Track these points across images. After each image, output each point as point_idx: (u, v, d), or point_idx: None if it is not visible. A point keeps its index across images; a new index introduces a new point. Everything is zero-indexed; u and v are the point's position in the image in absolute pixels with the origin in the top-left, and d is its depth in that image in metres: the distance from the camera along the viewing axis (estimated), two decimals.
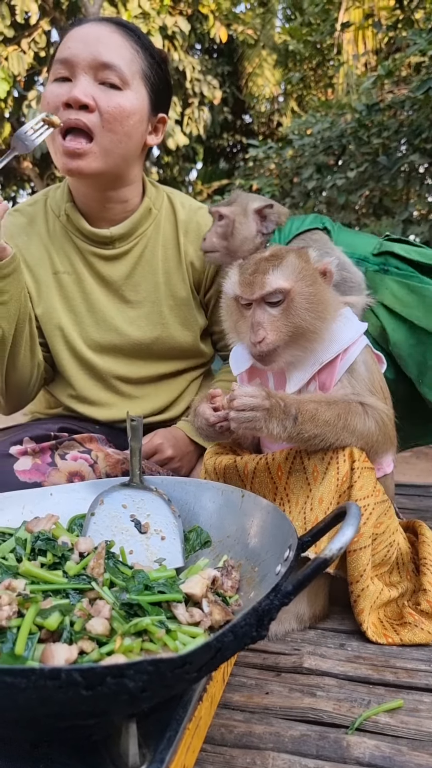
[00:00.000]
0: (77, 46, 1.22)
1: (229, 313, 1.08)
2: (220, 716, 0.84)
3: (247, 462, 1.04)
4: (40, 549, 0.83)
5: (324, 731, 0.81)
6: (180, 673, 0.52)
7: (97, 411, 1.43)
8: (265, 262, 1.00)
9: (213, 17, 10.47)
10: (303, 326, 0.98)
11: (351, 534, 0.61)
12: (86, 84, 1.21)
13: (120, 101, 1.23)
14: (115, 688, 0.49)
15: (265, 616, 0.59)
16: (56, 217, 1.41)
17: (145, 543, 0.95)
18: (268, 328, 0.98)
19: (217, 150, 13.07)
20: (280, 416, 0.93)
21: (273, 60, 11.06)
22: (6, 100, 9.53)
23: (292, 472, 1.01)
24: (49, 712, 0.50)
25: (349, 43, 8.02)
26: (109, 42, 1.23)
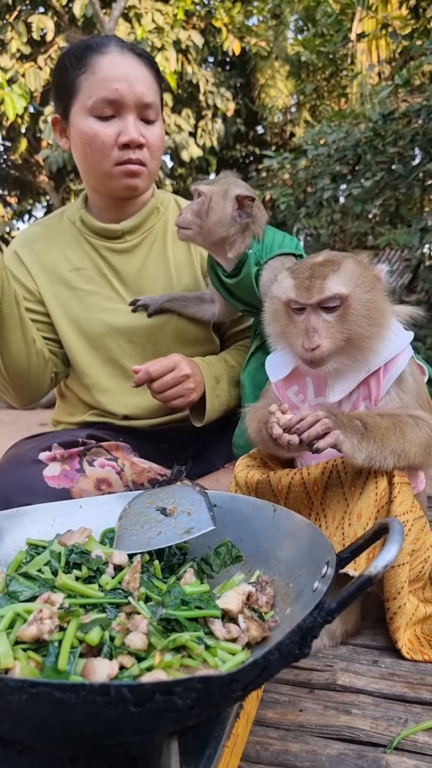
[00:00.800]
0: (123, 87, 1.32)
1: (275, 317, 1.05)
2: (255, 733, 0.83)
3: (281, 477, 1.03)
4: (74, 562, 0.83)
5: (362, 750, 0.80)
6: (227, 691, 0.52)
7: (113, 400, 1.47)
8: (321, 267, 0.98)
9: (226, 30, 10.58)
10: (358, 333, 0.96)
11: (395, 551, 0.60)
12: (135, 123, 1.35)
13: (158, 133, 1.41)
14: (163, 705, 0.49)
15: (309, 634, 0.59)
16: (72, 224, 1.53)
17: (173, 523, 0.94)
18: (323, 335, 0.96)
19: (230, 161, 13.17)
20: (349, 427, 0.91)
21: (286, 71, 11.15)
22: (23, 116, 9.71)
23: (328, 487, 0.99)
24: (97, 728, 0.50)
25: (363, 53, 8.06)
26: (145, 80, 1.36)
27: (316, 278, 0.97)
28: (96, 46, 1.34)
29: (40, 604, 0.69)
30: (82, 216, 1.51)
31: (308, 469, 1.01)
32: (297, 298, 0.98)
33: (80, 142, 1.36)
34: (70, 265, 1.49)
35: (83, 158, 1.39)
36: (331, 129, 5.57)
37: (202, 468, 1.52)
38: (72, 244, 1.51)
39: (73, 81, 1.34)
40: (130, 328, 1.46)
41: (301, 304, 0.99)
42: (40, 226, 1.57)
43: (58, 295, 1.47)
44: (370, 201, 5.27)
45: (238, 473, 1.09)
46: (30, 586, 0.75)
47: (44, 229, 1.55)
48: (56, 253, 1.50)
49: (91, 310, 1.46)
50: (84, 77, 1.33)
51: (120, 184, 1.39)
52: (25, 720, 0.51)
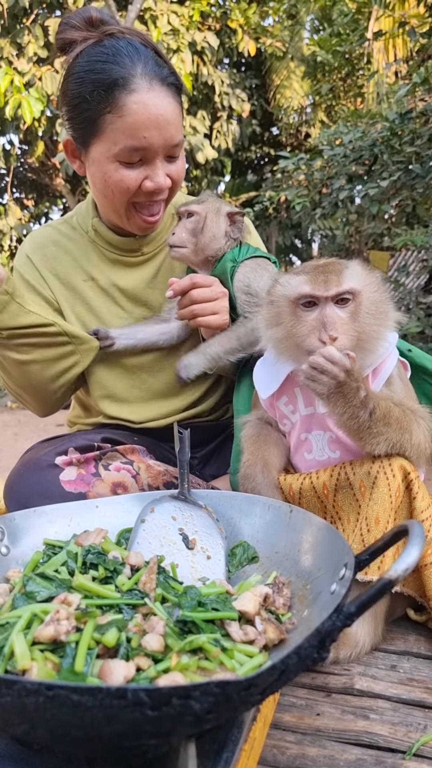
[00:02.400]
0: (152, 135, 1.23)
1: (277, 320, 1.02)
2: (272, 737, 0.82)
3: (291, 483, 1.03)
4: (91, 563, 0.83)
5: (380, 756, 0.79)
6: (245, 696, 0.51)
7: (128, 410, 1.46)
8: (333, 264, 0.98)
9: (241, 31, 10.59)
10: (367, 333, 0.96)
11: (417, 554, 0.59)
12: (162, 167, 1.30)
13: (181, 165, 1.35)
14: (180, 709, 0.49)
15: (327, 638, 0.58)
16: (84, 233, 1.48)
17: (191, 559, 0.94)
18: (339, 330, 0.94)
19: (245, 162, 13.15)
20: (352, 400, 0.90)
21: (301, 72, 11.10)
22: (40, 119, 9.81)
23: (338, 489, 0.99)
24: (114, 731, 0.50)
25: (380, 51, 7.99)
26: (173, 119, 1.26)
27: (332, 273, 0.97)
28: (123, 81, 1.20)
29: (57, 604, 0.69)
30: (95, 226, 1.45)
31: (317, 473, 1.02)
32: (313, 291, 0.96)
33: (102, 184, 1.30)
34: (83, 275, 1.45)
35: (104, 197, 1.34)
36: (348, 129, 5.53)
37: (216, 469, 1.52)
38: (85, 253, 1.46)
39: (96, 118, 1.24)
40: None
41: (316, 298, 0.97)
42: (51, 228, 1.51)
43: (72, 306, 1.45)
44: (387, 201, 5.21)
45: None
46: (47, 587, 0.76)
47: (56, 232, 1.50)
48: (69, 260, 1.46)
49: (104, 323, 1.44)
50: (110, 118, 1.22)
51: (135, 226, 1.37)
52: (41, 722, 0.51)
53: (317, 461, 1.07)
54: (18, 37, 9.36)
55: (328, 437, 1.06)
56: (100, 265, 1.46)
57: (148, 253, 1.47)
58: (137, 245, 1.45)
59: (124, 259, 1.46)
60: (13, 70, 8.80)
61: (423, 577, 0.99)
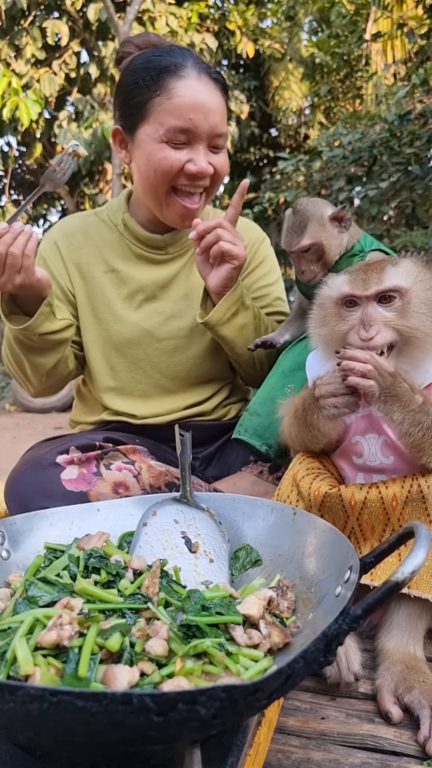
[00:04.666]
0: (198, 117, 1.30)
1: (324, 322, 1.01)
2: (276, 741, 0.81)
3: (354, 492, 0.97)
4: (93, 567, 0.83)
5: (386, 759, 0.78)
6: (251, 700, 0.50)
7: (131, 404, 1.47)
8: (378, 263, 0.96)
9: (240, 33, 10.60)
10: (418, 330, 0.92)
11: (423, 556, 0.59)
12: (205, 153, 1.34)
13: (224, 160, 1.39)
14: (186, 714, 0.48)
15: (333, 641, 0.57)
16: (114, 226, 1.51)
17: (194, 562, 0.93)
18: (380, 326, 0.92)
19: (244, 164, 13.16)
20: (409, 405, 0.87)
21: (300, 73, 11.12)
22: (37, 121, 9.81)
23: (408, 502, 0.94)
24: (119, 737, 0.49)
25: (378, 53, 8.01)
26: (218, 109, 1.33)
27: (373, 271, 0.95)
28: (174, 68, 1.30)
29: (60, 609, 0.69)
30: (126, 220, 1.49)
31: (386, 483, 0.97)
32: (352, 290, 0.95)
33: (146, 164, 1.34)
34: (105, 267, 1.48)
35: (145, 180, 1.37)
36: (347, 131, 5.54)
37: (218, 470, 1.52)
38: (111, 246, 1.50)
39: (146, 102, 1.31)
40: (158, 334, 1.46)
41: (356, 297, 0.95)
42: (78, 219, 1.56)
43: (89, 295, 1.48)
44: (386, 203, 5.22)
45: (301, 479, 1.03)
46: (49, 591, 0.75)
47: (85, 222, 1.53)
48: (93, 251, 1.49)
49: (119, 316, 1.46)
50: (158, 101, 1.30)
51: (174, 213, 1.39)
52: (45, 728, 0.50)
53: (368, 466, 1.03)
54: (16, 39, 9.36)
55: (382, 441, 1.02)
56: (124, 259, 1.49)
57: (173, 252, 1.50)
58: (163, 243, 1.48)
59: (149, 256, 1.49)
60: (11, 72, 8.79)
61: None
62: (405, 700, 0.86)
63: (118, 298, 1.47)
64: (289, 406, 1.09)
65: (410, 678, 0.88)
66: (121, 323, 1.45)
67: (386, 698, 0.87)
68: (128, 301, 1.47)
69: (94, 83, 10.13)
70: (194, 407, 1.50)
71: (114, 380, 1.48)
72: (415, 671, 0.89)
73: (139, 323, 1.46)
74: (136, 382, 1.48)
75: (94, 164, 9.57)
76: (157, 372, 1.48)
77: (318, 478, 1.04)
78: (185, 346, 1.47)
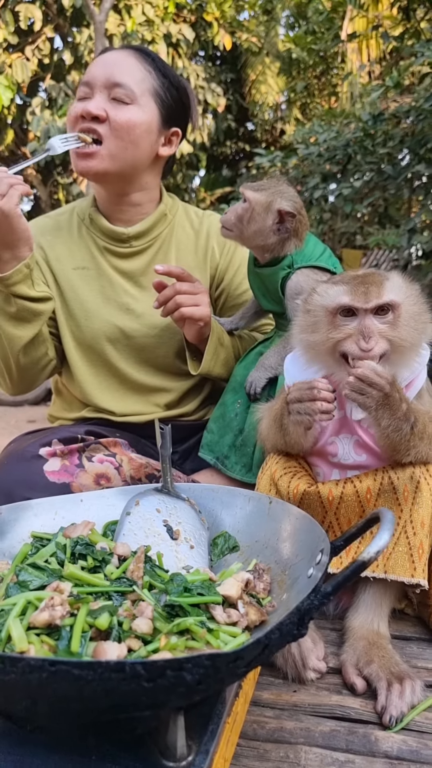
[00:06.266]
0: (97, 70, 1.41)
1: (314, 326, 1.04)
2: (252, 713, 0.87)
3: (331, 488, 1.04)
4: (80, 553, 0.87)
5: (352, 727, 0.85)
6: (232, 668, 0.56)
7: (111, 401, 1.50)
8: (373, 276, 1.00)
9: (217, 25, 10.57)
10: (406, 344, 0.98)
11: (387, 538, 0.65)
12: (100, 100, 1.40)
13: (128, 114, 1.39)
14: (174, 680, 0.53)
15: (306, 615, 0.63)
16: (81, 221, 1.56)
17: (175, 549, 0.98)
18: (377, 338, 0.97)
19: (221, 157, 13.17)
20: (397, 413, 0.93)
21: (276, 68, 11.17)
22: (9, 107, 9.62)
23: (380, 493, 1.01)
24: (112, 703, 0.54)
25: (354, 52, 8.10)
26: (122, 64, 1.42)
27: (372, 284, 0.98)
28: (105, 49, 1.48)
29: (51, 592, 0.73)
30: (92, 214, 1.53)
31: (359, 477, 1.03)
32: (352, 302, 0.98)
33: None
34: (74, 263, 1.51)
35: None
36: (322, 129, 5.62)
37: (196, 464, 1.56)
38: (78, 241, 1.53)
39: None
40: (128, 332, 1.48)
41: (356, 309, 0.99)
42: (49, 218, 1.60)
43: (60, 292, 1.50)
44: (360, 201, 5.32)
45: (279, 478, 1.08)
46: (39, 576, 0.79)
47: (53, 222, 1.57)
48: (62, 248, 1.52)
49: (90, 312, 1.48)
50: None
51: (74, 157, 1.42)
52: (43, 697, 0.55)
53: (342, 464, 1.09)
54: None
55: (354, 441, 1.07)
56: (92, 253, 1.52)
57: (137, 246, 1.53)
58: (125, 235, 1.51)
59: (114, 249, 1.52)
60: None
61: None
62: (364, 673, 0.93)
63: (89, 295, 1.49)
64: (268, 410, 1.14)
65: (371, 653, 0.95)
66: (92, 319, 1.48)
67: (350, 671, 0.94)
68: (98, 297, 1.50)
69: (68, 70, 9.97)
70: (175, 408, 1.54)
71: (90, 375, 1.51)
72: (377, 647, 0.96)
73: (110, 319, 1.48)
74: (111, 376, 1.51)
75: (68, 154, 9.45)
76: (129, 368, 1.50)
77: (296, 476, 1.10)
78: (156, 344, 1.50)
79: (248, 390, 1.39)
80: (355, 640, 1.00)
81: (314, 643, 0.98)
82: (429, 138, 4.74)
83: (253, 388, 1.37)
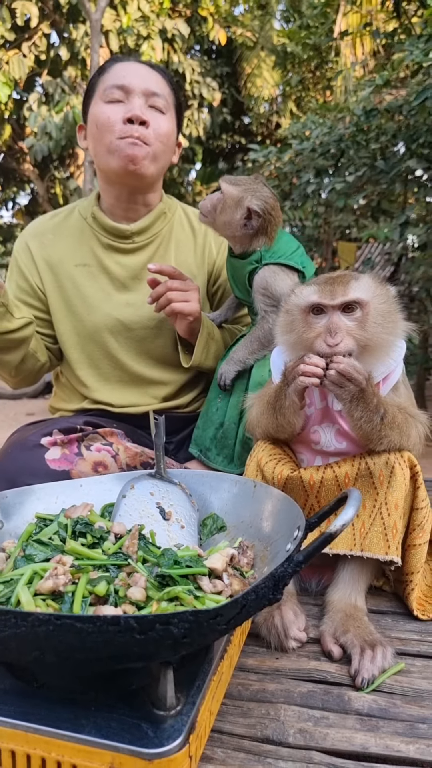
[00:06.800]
0: (132, 77, 1.49)
1: (291, 327, 1.12)
2: (237, 677, 0.96)
3: (312, 474, 1.12)
4: (80, 531, 0.95)
5: (328, 689, 0.93)
6: (213, 624, 0.64)
7: (110, 393, 1.59)
8: (342, 277, 1.08)
9: (212, 19, 10.57)
10: (373, 340, 1.05)
11: (352, 513, 0.73)
12: (141, 105, 1.48)
13: (165, 124, 1.52)
14: (162, 633, 0.61)
15: (280, 581, 0.71)
16: (83, 219, 1.63)
17: (167, 528, 1.07)
18: (344, 334, 1.04)
19: (216, 151, 13.18)
20: (369, 406, 1.01)
21: (271, 62, 11.18)
22: (6, 103, 9.63)
23: (358, 477, 1.10)
24: (109, 653, 0.63)
25: (347, 46, 8.13)
26: (154, 76, 1.53)
27: (339, 284, 1.06)
28: (115, 59, 1.54)
29: (54, 563, 0.81)
30: (94, 212, 1.61)
31: (338, 463, 1.12)
32: (320, 300, 1.06)
33: (94, 128, 1.50)
34: (75, 260, 1.58)
35: (93, 141, 1.52)
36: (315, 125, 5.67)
37: (189, 454, 1.65)
38: (80, 239, 1.60)
39: (94, 85, 1.53)
40: (129, 324, 1.57)
41: (323, 306, 1.07)
42: (51, 217, 1.67)
43: (61, 289, 1.58)
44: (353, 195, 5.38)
45: (265, 465, 1.17)
46: (43, 550, 0.87)
47: (55, 221, 1.65)
48: (63, 246, 1.59)
49: (92, 306, 1.56)
50: (101, 78, 1.52)
51: (123, 158, 1.46)
52: (50, 647, 0.63)
53: (324, 451, 1.17)
54: None
55: (335, 429, 1.15)
56: (94, 250, 1.60)
57: (138, 242, 1.61)
58: (129, 232, 1.59)
59: (117, 245, 1.59)
60: None
61: (408, 556, 1.12)
62: (341, 641, 1.01)
63: (91, 290, 1.57)
64: (258, 398, 1.22)
65: (347, 623, 1.04)
66: (94, 313, 1.56)
67: (327, 640, 1.02)
68: (100, 292, 1.58)
69: (64, 66, 9.98)
70: (171, 401, 1.63)
71: (91, 369, 1.59)
72: (353, 618, 1.05)
73: (111, 313, 1.56)
74: (112, 369, 1.59)
75: (65, 148, 9.47)
76: (129, 359, 1.59)
77: (280, 462, 1.18)
78: (155, 336, 1.59)
79: (219, 382, 1.48)
80: (333, 613, 1.08)
81: (296, 616, 1.07)
82: (421, 133, 4.80)
83: (223, 380, 1.47)
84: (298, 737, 0.83)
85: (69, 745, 0.67)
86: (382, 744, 0.82)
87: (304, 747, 0.81)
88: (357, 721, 0.87)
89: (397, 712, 0.89)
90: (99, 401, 1.58)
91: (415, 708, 0.89)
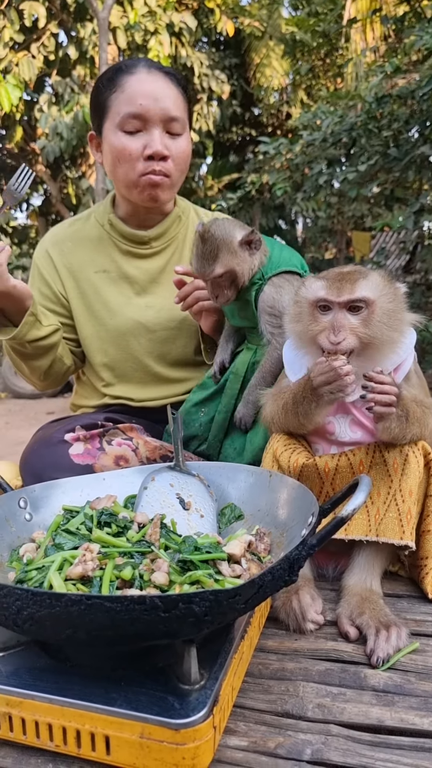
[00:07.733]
0: (148, 103, 1.46)
1: (299, 318, 1.15)
2: (258, 657, 1.01)
3: (327, 461, 1.15)
4: (105, 522, 1.00)
5: (345, 667, 0.98)
6: (232, 603, 0.69)
7: (131, 391, 1.64)
8: (351, 273, 1.09)
9: (219, 11, 10.51)
10: (378, 339, 1.07)
11: (363, 498, 0.77)
12: (160, 136, 1.48)
13: (183, 146, 1.53)
14: (185, 611, 0.66)
15: (295, 564, 0.76)
16: (101, 226, 1.67)
17: (187, 518, 1.12)
18: (347, 333, 1.06)
19: (227, 144, 13.13)
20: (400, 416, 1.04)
21: (280, 51, 11.08)
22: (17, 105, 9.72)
23: (373, 465, 1.13)
24: (136, 630, 0.68)
25: (357, 32, 8.04)
26: (170, 95, 1.49)
27: (346, 281, 1.08)
28: (126, 68, 1.49)
29: (83, 551, 0.86)
30: (111, 219, 1.65)
31: (353, 451, 1.15)
32: (327, 296, 1.08)
33: (110, 155, 1.51)
34: (95, 267, 1.63)
35: (113, 170, 1.54)
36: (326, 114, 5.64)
37: None
38: (98, 246, 1.65)
39: (105, 100, 1.50)
40: (150, 326, 1.62)
41: (329, 302, 1.09)
42: (69, 225, 1.71)
43: (83, 295, 1.63)
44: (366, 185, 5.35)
45: (281, 455, 1.20)
46: (72, 539, 0.93)
47: (73, 229, 1.69)
48: (83, 254, 1.64)
49: (114, 311, 1.61)
50: (114, 96, 1.48)
51: (143, 195, 1.52)
52: (82, 625, 0.68)
53: (339, 441, 1.19)
54: None
55: (350, 419, 1.18)
56: (113, 257, 1.64)
57: (156, 246, 1.65)
58: (147, 238, 1.63)
59: (135, 251, 1.64)
60: None
61: (423, 541, 1.15)
62: (357, 623, 1.05)
63: (112, 295, 1.62)
64: (273, 398, 1.23)
65: (363, 606, 1.07)
66: (116, 318, 1.61)
67: (344, 622, 1.06)
68: (121, 297, 1.63)
69: (73, 65, 10.03)
70: (188, 395, 1.67)
71: (113, 371, 1.65)
72: (369, 601, 1.09)
73: (133, 316, 1.61)
74: (133, 371, 1.65)
75: (76, 148, 9.55)
76: (151, 360, 1.64)
77: (295, 452, 1.21)
78: (175, 336, 1.64)
79: (239, 425, 1.47)
80: (349, 596, 1.12)
81: (313, 600, 1.11)
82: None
83: (244, 424, 1.46)
84: (316, 711, 0.87)
85: (102, 717, 0.73)
86: (397, 717, 0.86)
87: (323, 720, 0.86)
88: (373, 696, 0.91)
89: (412, 688, 0.93)
90: (119, 396, 1.63)
91: (429, 684, 0.93)
